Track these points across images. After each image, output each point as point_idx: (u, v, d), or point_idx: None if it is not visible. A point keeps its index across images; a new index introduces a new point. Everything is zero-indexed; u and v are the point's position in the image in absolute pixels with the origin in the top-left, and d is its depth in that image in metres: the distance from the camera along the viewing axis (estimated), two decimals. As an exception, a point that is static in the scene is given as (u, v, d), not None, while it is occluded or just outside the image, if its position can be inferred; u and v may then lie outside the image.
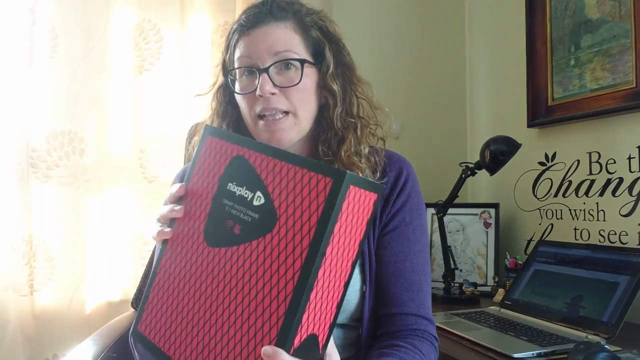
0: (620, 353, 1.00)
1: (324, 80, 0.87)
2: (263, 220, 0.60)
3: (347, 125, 0.88)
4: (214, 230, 0.65)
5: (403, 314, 0.85)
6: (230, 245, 0.62)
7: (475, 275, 1.74)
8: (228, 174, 0.66)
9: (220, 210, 0.65)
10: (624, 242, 1.42)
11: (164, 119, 1.68)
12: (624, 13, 1.42)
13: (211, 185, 0.67)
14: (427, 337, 0.85)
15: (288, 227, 0.57)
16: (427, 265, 0.90)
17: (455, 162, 1.74)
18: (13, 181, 1.54)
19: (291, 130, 0.85)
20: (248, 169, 0.64)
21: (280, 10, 0.85)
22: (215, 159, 0.68)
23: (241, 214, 0.62)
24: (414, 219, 0.90)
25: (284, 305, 0.55)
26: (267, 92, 0.82)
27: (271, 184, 0.60)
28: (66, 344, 1.56)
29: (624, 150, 1.43)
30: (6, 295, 1.53)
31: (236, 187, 0.64)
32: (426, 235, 0.92)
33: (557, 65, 1.63)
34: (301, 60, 0.84)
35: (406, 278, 0.87)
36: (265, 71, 0.83)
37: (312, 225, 0.55)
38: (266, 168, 0.62)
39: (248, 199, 0.62)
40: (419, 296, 0.86)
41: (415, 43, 2.03)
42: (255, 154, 0.64)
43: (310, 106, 0.87)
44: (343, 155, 0.86)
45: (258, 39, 0.84)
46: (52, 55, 1.59)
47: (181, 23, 1.71)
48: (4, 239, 1.54)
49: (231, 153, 0.66)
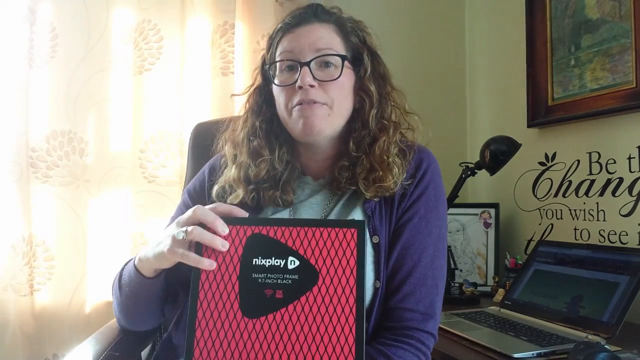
0: (620, 353, 1.00)
1: (361, 82, 0.92)
2: (304, 278, 0.71)
3: (381, 127, 0.92)
4: (254, 303, 0.71)
5: (397, 308, 0.85)
6: (276, 310, 0.71)
7: (475, 275, 1.74)
8: (248, 251, 0.73)
9: (253, 284, 0.72)
10: (624, 242, 1.42)
11: (164, 119, 1.68)
12: (624, 13, 1.42)
13: (232, 267, 0.73)
14: (415, 336, 0.84)
15: (331, 275, 0.71)
16: (437, 260, 0.89)
17: (455, 162, 1.74)
18: (13, 181, 1.54)
19: (324, 119, 0.88)
20: (270, 242, 0.73)
21: (324, 14, 0.92)
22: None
23: (279, 280, 0.71)
24: (429, 212, 0.90)
25: (351, 336, 0.68)
26: (307, 84, 0.86)
27: (301, 247, 0.72)
28: (66, 343, 1.57)
29: (624, 150, 1.43)
30: (6, 295, 1.53)
31: (264, 260, 0.72)
32: (441, 230, 0.92)
33: (557, 65, 1.63)
34: (342, 57, 0.89)
35: (409, 271, 0.87)
36: (307, 64, 0.87)
37: (352, 266, 0.71)
38: (290, 237, 0.73)
39: (281, 265, 0.72)
40: (421, 290, 0.86)
41: (415, 43, 2.03)
42: (272, 228, 0.74)
43: (345, 104, 0.91)
44: (376, 152, 0.89)
45: (301, 36, 0.89)
46: (52, 55, 1.59)
47: (181, 23, 1.71)
48: (4, 239, 1.54)
49: (244, 234, 0.74)
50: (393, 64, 1.01)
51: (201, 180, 1.02)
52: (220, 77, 1.74)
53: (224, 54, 1.74)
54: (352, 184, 0.90)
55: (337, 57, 0.88)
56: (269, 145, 0.94)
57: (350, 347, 0.68)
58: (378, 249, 0.88)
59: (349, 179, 0.90)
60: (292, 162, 0.96)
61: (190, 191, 1.03)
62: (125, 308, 0.91)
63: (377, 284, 0.87)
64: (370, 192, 0.88)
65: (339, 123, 0.91)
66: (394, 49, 2.00)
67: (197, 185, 1.02)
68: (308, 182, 0.97)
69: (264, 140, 0.94)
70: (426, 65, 2.03)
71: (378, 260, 0.88)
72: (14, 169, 1.54)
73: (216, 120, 1.06)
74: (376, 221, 0.89)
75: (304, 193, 0.96)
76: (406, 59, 1.99)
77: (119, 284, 0.89)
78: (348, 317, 0.69)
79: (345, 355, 0.68)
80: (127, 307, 0.90)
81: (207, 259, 0.74)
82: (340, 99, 0.89)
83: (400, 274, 0.87)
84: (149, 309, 0.90)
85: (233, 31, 1.73)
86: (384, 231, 0.89)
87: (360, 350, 0.68)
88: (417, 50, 2.03)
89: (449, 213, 1.66)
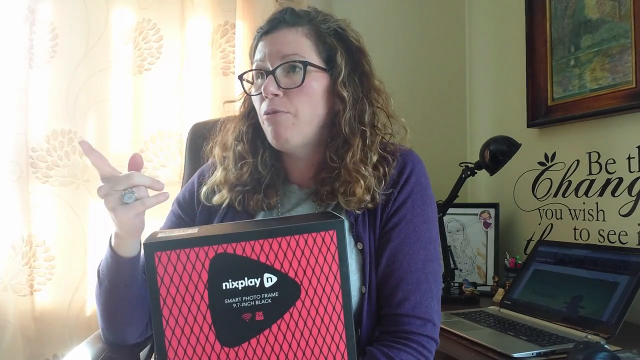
0: (620, 353, 1.00)
1: (334, 86, 0.88)
2: (285, 294, 0.64)
3: (355, 132, 0.88)
4: (232, 331, 0.64)
5: (394, 314, 0.85)
6: (259, 333, 0.64)
7: (475, 275, 1.74)
8: (215, 276, 0.63)
9: (227, 312, 0.63)
10: (623, 242, 1.42)
11: (164, 118, 1.68)
12: (623, 13, 1.42)
13: (198, 297, 0.63)
14: (416, 340, 0.83)
15: (314, 285, 0.65)
16: (429, 263, 0.88)
17: (455, 162, 1.74)
18: (13, 181, 1.54)
19: (288, 128, 0.86)
20: (239, 260, 0.64)
21: (293, 17, 0.89)
22: (187, 271, 0.64)
23: (256, 301, 0.64)
24: (416, 216, 0.89)
25: (342, 343, 0.65)
26: (270, 93, 0.85)
27: (276, 261, 0.64)
28: (66, 344, 1.57)
29: (624, 150, 1.43)
30: (6, 295, 1.53)
31: (235, 282, 0.63)
32: (431, 232, 0.90)
33: (557, 65, 1.63)
34: (304, 63, 0.85)
35: (401, 277, 0.85)
36: (272, 73, 0.86)
37: (335, 272, 0.65)
38: (262, 251, 0.64)
39: (257, 285, 0.64)
40: (415, 296, 0.85)
41: (415, 43, 2.03)
42: (239, 244, 0.64)
43: (314, 110, 0.88)
44: (348, 162, 0.86)
45: (270, 43, 0.88)
46: (52, 55, 1.59)
47: (181, 23, 1.71)
48: (4, 239, 1.54)
49: (206, 256, 0.63)
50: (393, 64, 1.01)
51: (190, 190, 1.01)
52: (220, 77, 1.74)
53: (225, 54, 1.75)
54: (333, 198, 0.89)
55: (299, 63, 0.85)
56: (253, 150, 0.93)
57: (342, 354, 0.65)
58: (363, 255, 0.88)
59: (329, 193, 0.88)
60: (276, 165, 0.95)
61: (179, 200, 1.02)
62: (106, 307, 0.87)
63: (362, 289, 0.87)
64: (351, 207, 0.87)
65: (308, 130, 0.88)
66: (394, 49, 2.00)
67: (187, 195, 1.01)
68: (294, 190, 0.96)
69: (249, 145, 0.94)
70: (426, 65, 2.03)
71: (363, 267, 0.87)
72: (14, 169, 1.54)
73: (213, 121, 1.06)
74: (360, 227, 0.88)
75: (290, 202, 0.95)
76: (406, 59, 1.99)
77: (98, 280, 0.86)
78: (337, 325, 0.65)
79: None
80: (108, 305, 0.86)
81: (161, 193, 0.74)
82: (306, 106, 0.86)
83: (392, 281, 0.86)
84: (131, 306, 0.85)
85: (234, 31, 1.73)
86: (368, 237, 0.88)
87: (352, 355, 0.66)
88: (417, 50, 2.02)
89: (449, 213, 1.69)
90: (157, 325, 0.64)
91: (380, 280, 0.87)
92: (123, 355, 0.92)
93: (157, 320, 0.63)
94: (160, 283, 0.63)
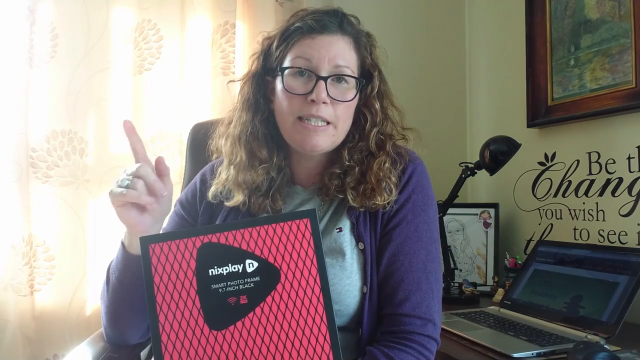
0: (620, 353, 1.00)
1: (366, 100, 0.92)
2: (266, 278, 0.70)
3: (380, 143, 0.92)
4: (219, 315, 0.69)
5: (395, 314, 0.85)
6: (244, 316, 0.69)
7: (474, 275, 1.75)
8: (202, 263, 0.70)
9: (214, 296, 0.69)
10: (623, 242, 1.42)
11: (164, 119, 1.68)
12: (623, 13, 1.42)
13: (187, 283, 0.70)
14: (417, 340, 0.83)
15: (293, 269, 0.70)
16: (430, 264, 0.88)
17: (455, 162, 1.75)
18: (13, 181, 1.54)
19: (327, 140, 0.88)
20: (223, 249, 0.71)
21: (348, 26, 0.90)
22: (177, 260, 0.71)
23: (240, 285, 0.69)
24: (417, 217, 0.89)
25: (323, 324, 0.69)
26: (322, 100, 0.85)
27: (256, 248, 0.70)
28: (66, 344, 1.57)
29: (624, 150, 1.43)
30: (6, 295, 1.53)
31: (220, 269, 0.70)
32: (432, 233, 0.91)
33: (557, 66, 1.64)
34: (358, 80, 0.89)
35: (402, 277, 0.86)
36: (325, 80, 0.85)
37: (311, 257, 0.70)
38: (243, 239, 0.71)
39: (240, 271, 0.70)
40: (416, 295, 0.85)
41: (415, 43, 2.03)
42: (222, 234, 0.71)
43: (349, 122, 0.91)
44: (374, 168, 0.89)
45: (322, 46, 0.86)
46: (52, 55, 1.58)
47: (181, 23, 1.71)
48: (4, 239, 1.54)
49: (193, 246, 0.71)
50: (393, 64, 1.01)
51: (193, 190, 1.01)
52: (220, 76, 1.74)
53: (225, 54, 1.75)
54: (340, 192, 0.90)
55: (353, 79, 0.88)
56: (267, 150, 0.92)
57: (324, 335, 0.69)
58: (364, 255, 0.88)
59: (338, 187, 0.90)
60: (284, 168, 0.96)
61: (182, 201, 1.02)
62: (111, 305, 0.87)
63: (364, 289, 0.87)
64: (357, 202, 0.88)
65: (340, 139, 0.91)
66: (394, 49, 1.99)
67: (189, 195, 1.01)
68: (298, 191, 0.96)
69: (263, 143, 0.92)
70: (426, 65, 2.03)
71: (364, 267, 0.88)
72: (14, 169, 1.54)
73: (214, 121, 1.06)
74: (361, 228, 0.89)
75: (294, 203, 0.95)
76: (406, 59, 1.99)
77: (106, 277, 0.88)
78: (317, 307, 0.69)
79: (321, 343, 0.68)
80: (113, 304, 0.87)
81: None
82: (346, 118, 0.89)
83: (393, 280, 0.86)
84: (135, 307, 0.86)
85: (234, 31, 1.73)
86: (370, 237, 0.89)
87: (334, 336, 0.69)
88: (417, 51, 2.03)
89: (449, 213, 1.69)
90: (151, 312, 0.70)
91: (381, 280, 0.88)
92: (124, 355, 0.92)
93: (152, 307, 0.70)
94: (154, 272, 0.71)
